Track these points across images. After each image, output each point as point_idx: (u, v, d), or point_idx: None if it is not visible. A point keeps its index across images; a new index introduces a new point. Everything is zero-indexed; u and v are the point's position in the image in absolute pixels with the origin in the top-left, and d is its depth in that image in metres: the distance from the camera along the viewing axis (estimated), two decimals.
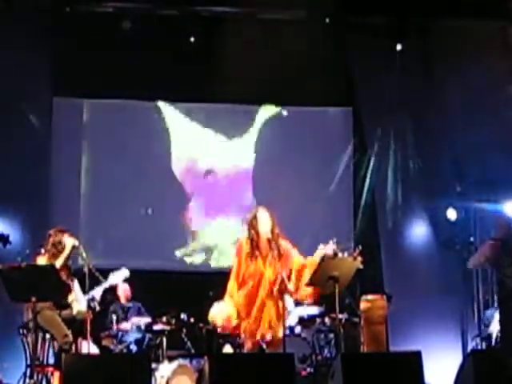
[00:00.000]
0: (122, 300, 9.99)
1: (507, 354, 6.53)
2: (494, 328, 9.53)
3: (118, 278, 8.32)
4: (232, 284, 7.23)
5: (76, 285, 7.87)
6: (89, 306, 7.78)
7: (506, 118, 10.42)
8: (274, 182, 11.30)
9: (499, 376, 6.16)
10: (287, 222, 7.52)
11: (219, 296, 7.79)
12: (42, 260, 7.70)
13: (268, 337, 7.09)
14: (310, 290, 7.18)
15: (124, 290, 9.96)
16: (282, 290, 7.10)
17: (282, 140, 11.46)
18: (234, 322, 7.14)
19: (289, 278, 7.14)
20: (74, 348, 7.60)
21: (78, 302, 7.77)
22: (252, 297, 7.15)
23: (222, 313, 7.22)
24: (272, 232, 7.21)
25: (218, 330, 7.32)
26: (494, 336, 9.49)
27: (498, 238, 9.09)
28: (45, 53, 10.46)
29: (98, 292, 7.98)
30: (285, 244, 7.25)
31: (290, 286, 7.12)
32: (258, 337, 7.11)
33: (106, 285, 8.10)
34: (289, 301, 8.42)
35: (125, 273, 8.33)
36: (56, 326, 7.55)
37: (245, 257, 7.22)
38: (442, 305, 10.38)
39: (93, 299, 7.92)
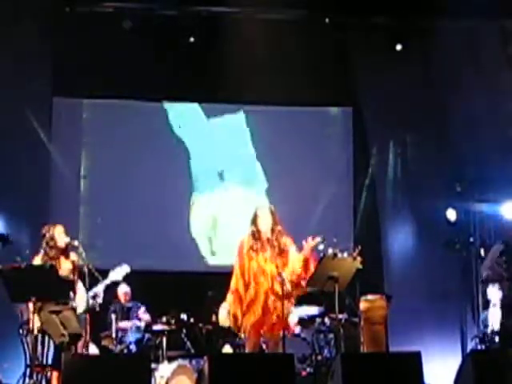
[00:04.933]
0: (122, 300, 9.99)
1: (507, 355, 6.52)
2: (494, 328, 9.53)
3: (119, 275, 8.29)
4: (234, 281, 7.26)
5: (81, 287, 7.84)
6: (91, 304, 7.79)
7: (506, 117, 10.42)
8: (274, 182, 11.31)
9: (499, 376, 6.16)
10: (287, 222, 7.52)
11: (219, 296, 7.80)
12: (37, 259, 7.70)
13: (267, 331, 7.12)
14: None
15: (124, 293, 9.96)
16: (283, 291, 7.12)
17: (282, 140, 11.46)
18: (239, 320, 7.18)
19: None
20: (73, 348, 7.59)
21: (79, 306, 7.77)
22: (255, 293, 7.18)
23: (228, 314, 7.25)
24: (273, 229, 7.24)
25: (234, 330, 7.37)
26: (493, 337, 9.49)
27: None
28: (45, 53, 10.46)
29: (99, 289, 7.98)
30: (285, 241, 7.27)
31: (288, 286, 7.15)
32: (262, 333, 7.13)
33: (107, 281, 8.09)
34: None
35: (125, 269, 8.30)
36: (53, 325, 7.55)
37: (246, 253, 7.25)
38: (441, 305, 10.38)
39: (95, 296, 7.93)
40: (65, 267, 7.73)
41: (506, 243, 9.14)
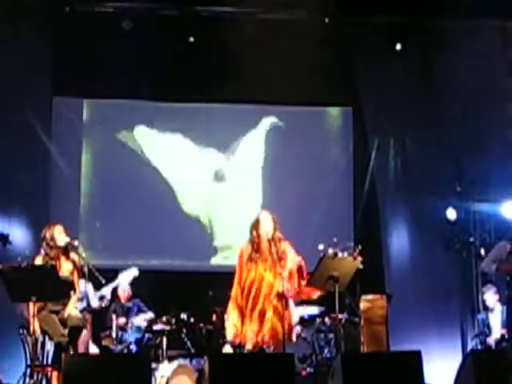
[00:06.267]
0: (122, 300, 9.99)
1: (508, 355, 6.51)
2: (495, 330, 9.54)
3: (128, 278, 8.32)
4: (235, 289, 7.31)
5: (83, 286, 7.81)
6: (97, 306, 7.81)
7: (506, 117, 10.42)
8: (274, 182, 11.30)
9: (499, 376, 6.15)
10: (287, 222, 7.53)
11: (219, 296, 7.82)
12: (38, 260, 7.69)
13: (267, 339, 7.13)
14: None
15: (124, 291, 9.95)
16: (284, 296, 7.13)
17: (282, 140, 11.46)
18: (239, 329, 7.21)
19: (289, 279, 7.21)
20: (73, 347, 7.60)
21: (71, 306, 7.75)
22: (254, 301, 7.19)
23: (233, 326, 7.27)
24: (273, 235, 7.25)
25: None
26: (494, 338, 9.50)
27: None
28: (45, 53, 10.46)
29: (107, 291, 8.00)
30: (283, 247, 7.28)
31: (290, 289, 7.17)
32: (259, 339, 7.14)
33: (115, 284, 8.11)
34: (290, 301, 8.42)
35: (134, 272, 8.35)
36: (52, 324, 7.54)
37: (246, 261, 7.27)
38: (441, 305, 10.38)
39: (103, 297, 7.95)
40: (65, 267, 7.72)
41: None
